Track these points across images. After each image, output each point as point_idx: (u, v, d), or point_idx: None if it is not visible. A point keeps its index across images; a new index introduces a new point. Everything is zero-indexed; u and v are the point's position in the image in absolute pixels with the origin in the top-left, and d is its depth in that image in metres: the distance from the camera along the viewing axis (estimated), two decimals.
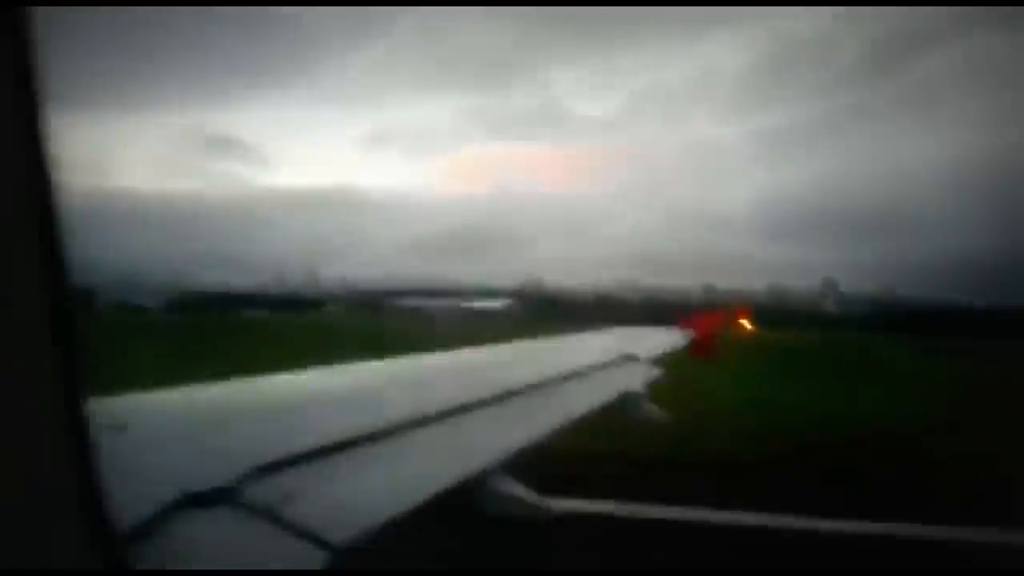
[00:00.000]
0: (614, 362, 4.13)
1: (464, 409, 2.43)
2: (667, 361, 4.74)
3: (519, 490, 2.01)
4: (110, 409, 1.71)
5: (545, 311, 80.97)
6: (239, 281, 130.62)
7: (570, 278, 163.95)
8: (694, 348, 6.75)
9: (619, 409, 3.41)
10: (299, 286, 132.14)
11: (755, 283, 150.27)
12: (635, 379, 3.87)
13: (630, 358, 4.36)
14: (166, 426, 1.66)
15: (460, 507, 1.87)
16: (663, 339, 5.89)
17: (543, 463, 2.52)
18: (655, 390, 3.82)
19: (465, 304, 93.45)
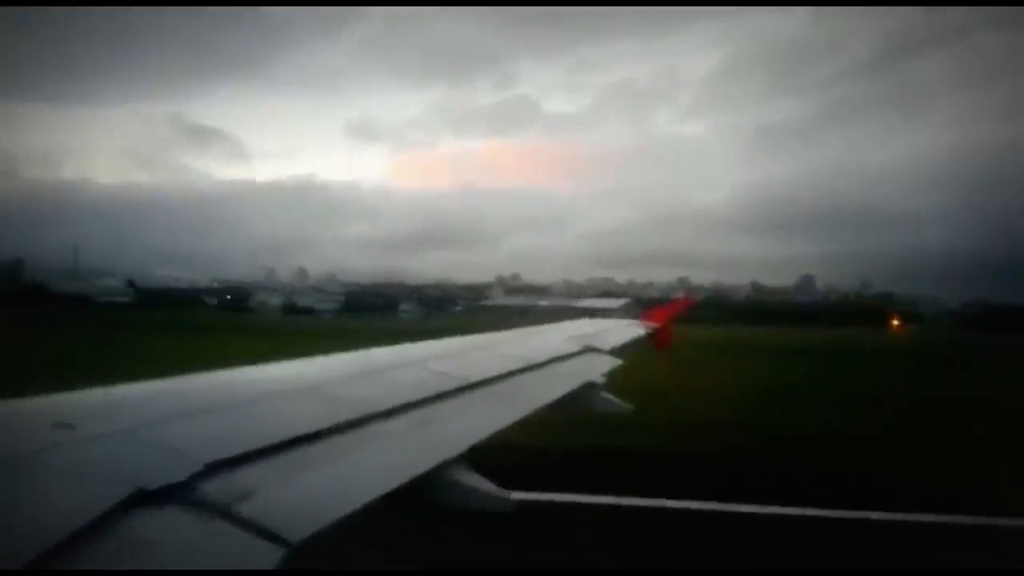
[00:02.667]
0: (575, 353, 4.17)
1: (423, 401, 2.41)
2: (628, 352, 4.82)
3: (479, 482, 2.00)
4: (57, 406, 1.67)
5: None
6: (227, 277, 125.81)
7: (544, 273, 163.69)
8: (654, 339, 6.89)
9: (579, 399, 3.45)
10: (290, 282, 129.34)
11: (735, 278, 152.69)
12: (596, 370, 3.91)
13: (591, 349, 4.41)
14: (117, 423, 1.61)
15: (420, 500, 1.87)
16: (625, 331, 5.98)
17: (503, 455, 2.55)
18: (615, 380, 3.89)
19: (580, 305, 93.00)
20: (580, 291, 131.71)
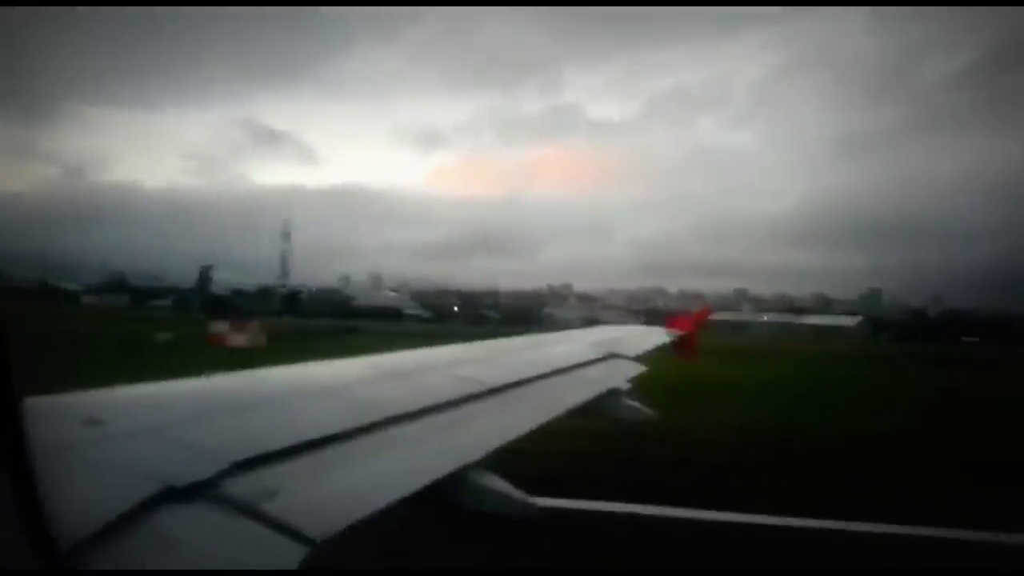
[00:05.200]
0: (599, 360, 4.18)
1: (449, 405, 2.46)
2: (652, 359, 4.83)
3: (503, 486, 2.02)
4: (87, 403, 1.70)
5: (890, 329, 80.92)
6: (301, 283, 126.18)
7: (591, 281, 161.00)
8: (678, 347, 6.85)
9: (604, 406, 3.46)
10: (364, 287, 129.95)
11: (797, 289, 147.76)
12: (620, 376, 3.91)
13: (615, 356, 4.41)
14: (146, 420, 1.65)
15: (444, 503, 1.90)
16: (649, 338, 5.96)
17: (528, 460, 2.59)
18: (640, 387, 3.91)
19: (806, 321, 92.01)
20: (632, 301, 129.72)
